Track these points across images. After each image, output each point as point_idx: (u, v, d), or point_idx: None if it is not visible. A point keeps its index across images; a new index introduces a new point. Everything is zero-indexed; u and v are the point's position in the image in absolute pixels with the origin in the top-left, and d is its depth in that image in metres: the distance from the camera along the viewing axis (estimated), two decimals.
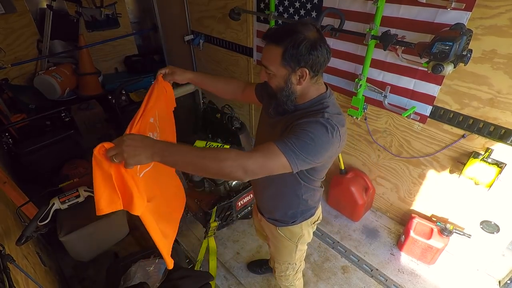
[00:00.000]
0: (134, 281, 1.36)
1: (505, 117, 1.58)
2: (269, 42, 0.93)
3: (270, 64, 0.94)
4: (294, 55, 0.89)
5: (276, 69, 0.93)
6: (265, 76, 0.99)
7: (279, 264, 1.47)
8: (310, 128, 0.88)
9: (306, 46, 0.88)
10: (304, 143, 0.86)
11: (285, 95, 0.98)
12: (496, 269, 2.00)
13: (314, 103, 0.99)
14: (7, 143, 2.51)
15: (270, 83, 1.00)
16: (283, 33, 0.90)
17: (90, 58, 3.80)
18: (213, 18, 3.05)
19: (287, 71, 0.93)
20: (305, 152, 0.86)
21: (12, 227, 1.61)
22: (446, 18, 1.57)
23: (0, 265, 1.06)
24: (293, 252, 1.37)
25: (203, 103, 2.48)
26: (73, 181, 2.16)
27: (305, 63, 0.91)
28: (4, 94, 2.97)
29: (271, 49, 0.92)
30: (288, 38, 0.88)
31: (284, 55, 0.89)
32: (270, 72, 0.96)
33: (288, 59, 0.90)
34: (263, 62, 0.97)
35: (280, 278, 1.55)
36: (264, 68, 0.97)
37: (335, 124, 0.91)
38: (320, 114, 0.93)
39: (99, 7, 3.82)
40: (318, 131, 0.88)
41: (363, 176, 2.37)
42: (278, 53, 0.90)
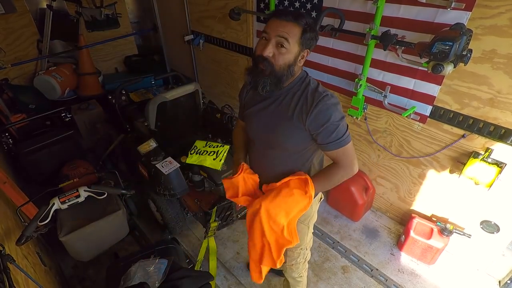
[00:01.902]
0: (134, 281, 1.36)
1: (505, 117, 1.58)
2: (289, 19, 0.97)
3: (289, 37, 0.97)
4: (309, 37, 1.01)
5: (293, 45, 0.99)
6: (272, 49, 0.99)
7: (291, 251, 1.48)
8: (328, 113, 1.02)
9: (315, 32, 1.02)
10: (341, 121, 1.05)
11: (289, 71, 1.03)
12: (496, 269, 2.00)
13: (298, 81, 1.10)
14: (7, 143, 2.51)
15: (277, 59, 1.00)
16: (300, 14, 1.00)
17: (90, 58, 3.80)
18: (213, 18, 3.05)
19: (299, 49, 1.02)
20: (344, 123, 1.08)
21: (12, 227, 1.61)
22: (446, 18, 1.57)
23: (0, 265, 1.06)
24: (306, 234, 1.41)
25: (203, 103, 2.48)
26: (73, 181, 2.16)
27: (310, 46, 1.04)
28: (4, 94, 2.97)
29: (292, 26, 0.97)
30: (305, 20, 0.99)
31: (303, 35, 0.99)
32: (286, 47, 0.98)
33: (305, 39, 1.00)
34: (281, 34, 0.97)
35: (291, 268, 1.56)
36: (275, 42, 0.98)
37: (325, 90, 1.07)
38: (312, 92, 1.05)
39: (99, 7, 3.82)
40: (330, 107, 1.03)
41: (363, 176, 2.37)
42: (298, 31, 0.98)
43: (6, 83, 3.18)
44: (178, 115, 2.28)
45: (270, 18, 1.02)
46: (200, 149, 2.04)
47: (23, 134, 2.73)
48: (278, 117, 1.11)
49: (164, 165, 1.91)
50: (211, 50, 3.33)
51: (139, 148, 2.04)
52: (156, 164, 1.91)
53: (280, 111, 1.10)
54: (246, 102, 1.26)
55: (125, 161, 2.60)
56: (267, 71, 1.02)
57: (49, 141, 2.55)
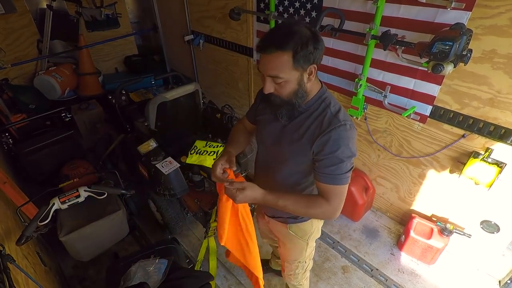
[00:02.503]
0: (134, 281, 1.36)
1: (505, 117, 1.58)
2: (272, 50, 0.89)
3: (281, 72, 0.91)
4: (305, 55, 0.89)
5: (289, 74, 0.92)
6: (271, 87, 0.96)
7: (289, 263, 1.47)
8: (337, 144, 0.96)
9: (311, 43, 0.89)
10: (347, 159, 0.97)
11: (299, 96, 0.97)
12: (496, 269, 2.00)
13: (317, 99, 1.03)
14: (7, 143, 2.51)
15: (281, 92, 0.96)
16: (283, 37, 0.88)
17: (90, 58, 3.80)
18: (213, 18, 3.05)
19: (299, 73, 0.93)
20: (351, 163, 0.99)
21: (12, 227, 1.61)
22: (446, 18, 1.57)
23: (0, 265, 1.06)
24: (304, 250, 1.38)
25: (203, 103, 2.48)
26: (73, 181, 2.16)
27: (314, 59, 0.92)
28: (4, 94, 2.97)
29: (278, 57, 0.89)
30: (292, 41, 0.87)
31: (295, 58, 0.88)
32: (281, 80, 0.93)
33: (300, 61, 0.89)
34: (270, 73, 0.92)
35: (289, 277, 1.55)
36: (270, 78, 0.94)
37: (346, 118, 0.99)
38: (331, 117, 0.98)
39: (99, 7, 3.82)
40: (342, 139, 0.96)
41: (363, 176, 2.37)
42: (287, 58, 0.88)
43: (6, 83, 3.18)
44: (178, 115, 2.28)
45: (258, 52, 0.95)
46: (200, 149, 2.04)
47: (23, 134, 2.73)
48: (289, 133, 1.06)
49: (164, 165, 1.91)
50: (211, 50, 3.33)
51: (139, 148, 2.04)
52: (156, 164, 1.92)
53: (292, 128, 1.05)
54: (261, 108, 1.20)
55: (125, 161, 2.60)
56: (278, 102, 1.00)
57: (49, 141, 2.55)
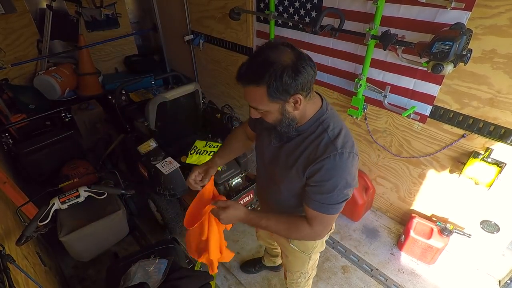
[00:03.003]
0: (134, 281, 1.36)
1: (505, 117, 1.58)
2: (246, 84, 0.85)
3: (259, 105, 0.88)
4: (280, 88, 0.81)
5: (267, 106, 0.87)
6: (256, 114, 0.94)
7: (291, 273, 1.47)
8: (330, 174, 0.90)
9: (289, 74, 0.80)
10: (339, 191, 0.91)
11: (285, 125, 0.92)
12: (496, 269, 2.00)
13: (314, 122, 0.95)
14: (7, 143, 2.51)
15: (266, 119, 0.94)
16: (258, 69, 0.82)
17: (90, 58, 3.80)
18: (213, 18, 3.05)
19: (279, 104, 0.87)
20: (344, 193, 0.93)
21: (12, 227, 1.61)
22: (446, 18, 1.57)
23: (0, 265, 1.06)
24: (306, 263, 1.38)
25: (203, 103, 2.48)
26: (73, 181, 2.16)
27: (295, 90, 0.83)
28: (4, 94, 2.97)
29: (253, 91, 0.84)
30: (266, 74, 0.80)
31: (269, 92, 0.82)
32: (262, 110, 0.90)
33: (276, 94, 0.83)
34: (250, 104, 0.90)
35: (291, 285, 1.56)
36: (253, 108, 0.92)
37: (345, 145, 0.90)
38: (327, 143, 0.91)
39: (99, 7, 3.82)
40: (336, 169, 0.89)
41: (363, 176, 2.37)
42: (262, 92, 0.83)
43: (6, 83, 3.18)
44: (178, 115, 2.28)
45: None
46: (200, 149, 2.04)
47: (23, 134, 2.73)
48: (284, 156, 1.02)
49: (164, 165, 1.91)
50: (211, 50, 3.33)
51: (139, 148, 2.04)
52: (156, 164, 1.91)
53: (287, 151, 1.01)
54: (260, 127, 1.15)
55: (125, 161, 2.60)
56: (267, 126, 1.00)
57: (49, 141, 2.55)
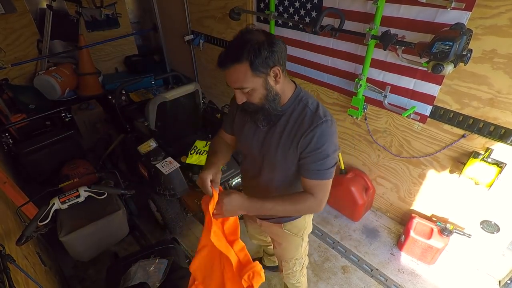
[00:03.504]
0: (134, 281, 1.36)
1: (505, 117, 1.58)
2: (229, 64, 0.93)
3: (244, 83, 0.95)
4: (261, 61, 0.91)
5: (252, 82, 0.95)
6: (242, 96, 1.00)
7: (286, 262, 1.48)
8: (322, 141, 0.99)
9: (265, 48, 0.91)
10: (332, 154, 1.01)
11: (271, 100, 1.00)
12: (496, 269, 2.00)
13: (293, 101, 1.05)
14: (7, 143, 2.51)
15: (252, 100, 1.00)
16: (236, 50, 0.92)
17: (90, 58, 3.80)
18: (213, 18, 3.05)
19: (262, 78, 0.95)
20: (335, 157, 1.02)
21: (12, 227, 1.61)
22: (446, 18, 1.57)
23: (0, 265, 1.06)
24: (300, 246, 1.40)
25: (203, 103, 2.48)
26: (73, 181, 2.16)
27: (273, 62, 0.93)
28: (4, 94, 2.97)
29: (236, 69, 0.93)
30: (245, 51, 0.90)
31: (252, 66, 0.91)
32: (247, 89, 0.96)
33: (258, 67, 0.92)
34: (235, 86, 0.97)
35: (288, 276, 1.56)
36: (238, 90, 0.98)
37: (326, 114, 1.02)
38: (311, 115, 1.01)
39: (99, 7, 3.82)
40: (326, 135, 0.99)
41: (363, 176, 2.37)
42: (245, 69, 0.92)
43: (6, 83, 3.18)
44: (178, 115, 2.28)
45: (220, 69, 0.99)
46: (200, 149, 2.04)
47: (23, 134, 2.73)
48: (274, 138, 1.07)
49: (164, 165, 1.91)
50: (211, 50, 3.33)
51: (139, 148, 2.04)
52: (156, 164, 1.92)
53: (276, 132, 1.07)
54: (240, 117, 1.19)
55: (125, 161, 2.60)
56: (253, 109, 1.04)
57: (49, 141, 2.55)
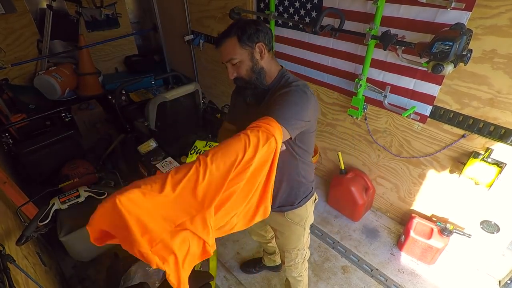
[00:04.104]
0: (134, 281, 1.37)
1: (505, 117, 1.58)
2: (222, 41, 1.08)
3: (233, 54, 1.07)
4: (247, 36, 1.06)
5: (240, 54, 1.08)
6: (233, 70, 1.11)
7: (289, 253, 1.49)
8: (289, 96, 1.04)
9: (250, 26, 1.07)
10: (290, 108, 1.01)
11: (256, 72, 1.11)
12: (496, 269, 2.00)
13: (279, 79, 1.15)
14: (7, 143, 2.51)
15: (240, 73, 1.11)
16: (228, 28, 1.08)
17: (90, 58, 3.80)
18: (213, 18, 3.05)
19: (248, 51, 1.08)
20: (294, 114, 1.00)
21: (12, 227, 1.61)
22: (446, 18, 1.57)
23: (0, 265, 1.06)
24: (302, 235, 1.42)
25: (203, 103, 2.48)
26: (73, 181, 2.16)
27: (258, 39, 1.08)
28: (4, 94, 2.97)
29: (226, 43, 1.07)
30: (234, 28, 1.07)
31: (239, 40, 1.06)
32: (236, 61, 1.08)
33: (245, 40, 1.06)
34: (226, 58, 1.09)
35: (290, 269, 1.57)
36: (229, 63, 1.10)
37: (306, 87, 1.09)
38: (290, 85, 1.09)
39: (99, 7, 3.82)
40: (296, 95, 1.05)
41: (363, 176, 2.37)
42: (234, 42, 1.06)
43: (6, 83, 3.18)
44: (178, 115, 2.28)
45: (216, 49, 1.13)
46: (200, 149, 2.04)
47: (23, 134, 2.73)
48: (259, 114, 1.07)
49: (164, 165, 1.92)
50: (211, 50, 3.33)
51: (139, 148, 2.04)
52: (156, 164, 1.92)
53: (264, 107, 1.13)
54: (237, 104, 1.32)
55: (125, 161, 2.61)
56: (242, 84, 1.15)
57: (49, 141, 2.55)
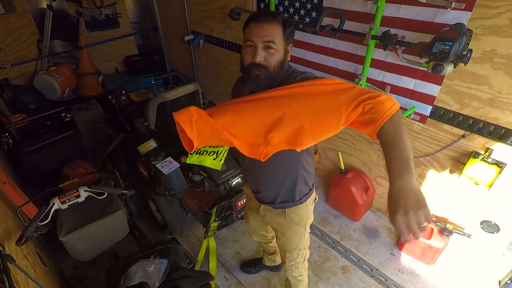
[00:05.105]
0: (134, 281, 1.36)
1: (505, 117, 1.58)
2: (268, 19, 0.99)
3: (275, 38, 1.00)
4: (290, 32, 1.03)
5: (279, 43, 1.01)
6: (263, 53, 1.01)
7: (290, 252, 1.49)
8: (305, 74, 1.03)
9: (292, 26, 1.05)
10: None
11: (283, 67, 1.06)
12: (496, 269, 2.00)
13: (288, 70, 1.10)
14: (7, 143, 2.51)
15: (269, 61, 1.01)
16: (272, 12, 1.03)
17: (90, 58, 3.80)
18: (213, 18, 3.05)
19: (284, 45, 1.04)
20: None
21: (12, 227, 1.61)
22: (446, 18, 1.57)
23: (0, 265, 1.06)
24: (303, 235, 1.42)
25: (203, 103, 2.48)
26: (73, 181, 2.16)
27: (291, 40, 1.06)
28: (4, 94, 2.98)
29: (273, 25, 0.99)
30: (280, 16, 1.03)
31: (285, 30, 1.01)
32: (273, 47, 1.00)
33: (287, 34, 1.03)
34: (266, 38, 0.99)
35: (291, 269, 1.57)
36: (261, 45, 0.99)
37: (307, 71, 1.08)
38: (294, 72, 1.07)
39: (99, 7, 3.82)
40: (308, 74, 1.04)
41: (363, 176, 2.37)
42: (280, 29, 1.00)
43: (6, 83, 3.18)
44: None
45: (249, 24, 1.01)
46: (200, 149, 2.04)
47: (23, 134, 2.72)
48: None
49: (164, 165, 1.91)
50: (211, 50, 3.33)
51: (139, 148, 2.04)
52: (156, 164, 1.91)
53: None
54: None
55: (125, 161, 2.60)
56: (263, 75, 1.02)
57: (49, 141, 2.55)
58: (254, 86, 1.04)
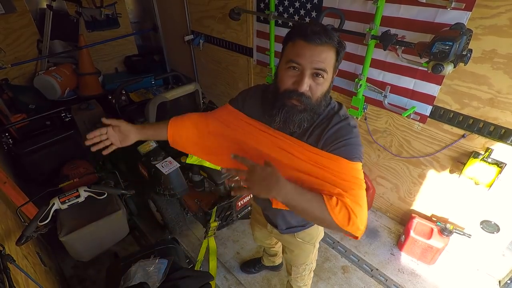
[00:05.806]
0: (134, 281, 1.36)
1: (505, 117, 1.58)
2: (323, 40, 0.78)
3: (328, 66, 0.82)
4: (341, 57, 0.85)
5: (330, 71, 0.83)
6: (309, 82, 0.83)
7: (296, 267, 1.47)
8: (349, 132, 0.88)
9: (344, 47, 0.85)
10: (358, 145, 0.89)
11: (326, 99, 0.89)
12: (496, 269, 2.00)
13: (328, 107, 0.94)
14: (7, 143, 2.51)
15: (315, 91, 0.84)
16: (329, 31, 0.80)
17: (90, 58, 3.80)
18: (213, 18, 3.05)
19: (333, 74, 0.86)
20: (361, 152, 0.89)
21: (12, 227, 1.61)
22: (446, 18, 1.57)
23: (0, 265, 1.06)
24: (311, 253, 1.38)
25: (203, 103, 2.48)
26: (73, 181, 2.16)
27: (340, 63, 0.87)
28: (4, 94, 2.97)
29: (327, 50, 0.80)
30: (336, 37, 0.81)
31: (338, 56, 0.84)
32: (323, 76, 0.82)
33: (339, 60, 0.85)
34: (317, 66, 0.80)
35: (296, 279, 1.55)
36: (309, 71, 0.81)
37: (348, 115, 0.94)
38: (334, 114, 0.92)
39: (99, 7, 3.82)
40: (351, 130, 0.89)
41: None
42: (333, 54, 0.82)
43: (6, 83, 3.18)
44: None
45: (296, 40, 0.81)
46: None
47: (23, 134, 2.73)
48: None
49: (164, 165, 1.91)
50: (211, 50, 3.33)
51: (139, 148, 2.04)
52: (156, 164, 1.92)
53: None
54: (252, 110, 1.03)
55: (125, 161, 2.60)
56: (302, 106, 0.85)
57: (49, 141, 2.55)
58: (289, 116, 0.87)
